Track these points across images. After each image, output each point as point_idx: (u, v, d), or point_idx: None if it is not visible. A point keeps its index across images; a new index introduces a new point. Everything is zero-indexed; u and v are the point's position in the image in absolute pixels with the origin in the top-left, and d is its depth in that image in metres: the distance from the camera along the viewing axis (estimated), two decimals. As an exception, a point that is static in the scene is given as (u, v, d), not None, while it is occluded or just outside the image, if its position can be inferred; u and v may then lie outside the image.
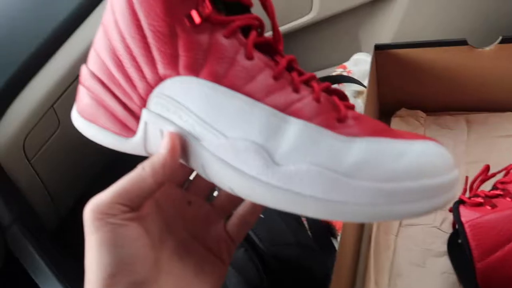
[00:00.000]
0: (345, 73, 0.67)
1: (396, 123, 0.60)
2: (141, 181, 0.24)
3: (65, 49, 0.65)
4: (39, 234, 0.60)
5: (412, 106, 0.61)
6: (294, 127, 0.23)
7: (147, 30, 0.25)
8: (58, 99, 0.64)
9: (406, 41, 0.54)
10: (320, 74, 0.77)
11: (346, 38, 0.83)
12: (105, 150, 0.30)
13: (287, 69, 0.26)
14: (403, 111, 0.61)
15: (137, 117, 0.26)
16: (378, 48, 0.54)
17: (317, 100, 0.24)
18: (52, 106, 0.63)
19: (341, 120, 0.24)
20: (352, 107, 0.26)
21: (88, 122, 0.28)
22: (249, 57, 0.25)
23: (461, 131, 0.57)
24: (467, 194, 0.44)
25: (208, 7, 0.24)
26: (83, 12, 0.68)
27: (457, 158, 0.54)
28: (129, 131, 0.27)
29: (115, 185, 0.24)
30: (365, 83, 0.61)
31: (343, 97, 0.27)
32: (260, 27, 0.26)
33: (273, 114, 0.23)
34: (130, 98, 0.26)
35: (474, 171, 0.46)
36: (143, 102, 0.26)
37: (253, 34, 0.25)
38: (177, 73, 0.25)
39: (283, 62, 0.25)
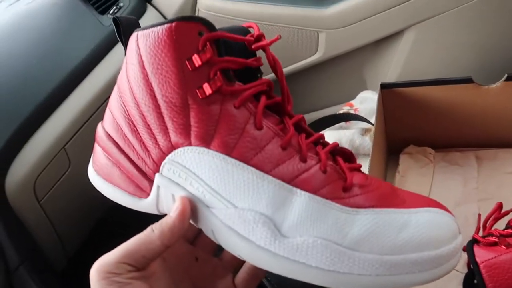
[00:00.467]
0: (352, 111, 0.67)
1: (405, 160, 0.59)
2: (149, 243, 0.25)
3: (77, 93, 0.67)
4: (46, 275, 0.59)
5: (420, 143, 0.61)
6: (301, 200, 0.24)
7: (161, 101, 0.26)
8: (69, 140, 0.65)
9: (412, 80, 0.55)
10: (327, 112, 0.78)
11: (352, 76, 0.84)
12: None
13: (295, 130, 0.27)
14: (411, 148, 0.60)
15: (150, 180, 0.27)
16: (385, 87, 0.55)
17: (324, 170, 0.25)
18: (63, 147, 0.64)
19: (347, 189, 0.25)
20: (358, 168, 0.27)
21: (104, 180, 0.29)
22: (259, 127, 0.25)
23: (471, 167, 0.57)
24: (480, 233, 0.43)
25: (219, 80, 0.25)
26: (93, 60, 0.70)
27: (468, 195, 0.53)
28: (143, 192, 0.27)
29: (123, 245, 0.25)
30: (372, 120, 0.61)
31: (349, 157, 0.27)
32: (269, 90, 0.27)
33: (280, 186, 0.24)
34: (144, 162, 0.27)
35: (486, 209, 0.45)
36: (156, 167, 0.27)
37: (261, 102, 0.26)
38: (189, 143, 0.25)
39: (291, 129, 0.26)
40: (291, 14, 0.75)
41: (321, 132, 0.62)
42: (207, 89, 0.25)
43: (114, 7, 0.79)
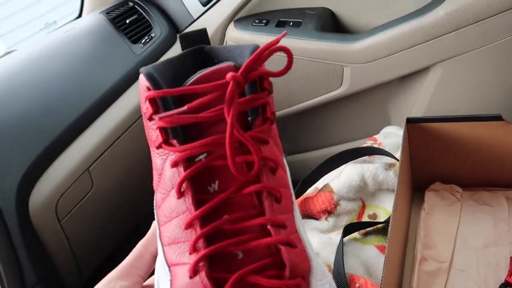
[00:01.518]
0: (375, 145, 0.67)
1: (430, 197, 0.57)
2: (137, 257, 0.27)
3: (104, 117, 0.69)
4: (60, 297, 0.59)
5: (446, 180, 0.59)
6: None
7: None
8: (93, 163, 0.66)
9: (439, 116, 0.54)
10: (350, 145, 0.77)
11: (376, 111, 0.84)
12: (132, 215, 0.31)
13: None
14: (437, 185, 0.59)
15: None
16: (411, 121, 0.54)
17: (191, 276, 0.21)
18: (87, 169, 0.65)
19: None
20: None
21: None
22: (178, 196, 0.23)
23: (501, 208, 0.54)
24: (514, 277, 0.41)
25: (159, 137, 0.23)
26: (122, 86, 0.73)
27: (499, 237, 0.51)
28: None
29: (118, 269, 0.27)
30: (396, 155, 0.60)
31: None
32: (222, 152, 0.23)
33: (163, 264, 0.24)
34: None
35: (519, 252, 0.43)
36: None
37: (187, 172, 0.22)
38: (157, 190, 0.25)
39: (194, 216, 0.22)
40: (317, 49, 0.76)
41: (346, 164, 0.61)
42: (156, 143, 0.23)
43: (146, 37, 0.82)
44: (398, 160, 0.59)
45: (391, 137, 0.68)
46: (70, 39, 0.78)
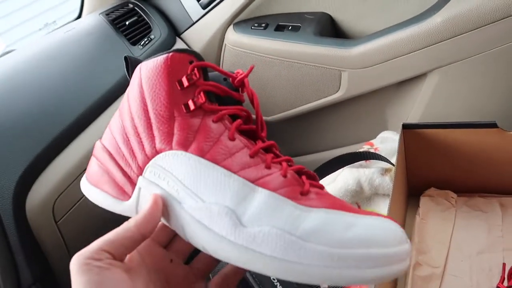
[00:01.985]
0: (372, 150, 0.67)
1: (425, 203, 0.58)
2: (126, 231, 0.28)
3: (102, 119, 0.69)
4: (56, 298, 0.59)
5: (441, 186, 0.59)
6: (261, 195, 0.27)
7: (152, 113, 0.31)
8: (91, 163, 0.66)
9: (435, 122, 0.54)
10: (346, 150, 0.78)
11: (373, 116, 0.84)
12: (128, 217, 0.31)
13: (265, 151, 0.31)
14: (432, 191, 0.59)
15: (133, 183, 0.31)
16: (407, 127, 0.54)
17: (284, 175, 0.29)
18: (85, 170, 0.66)
19: (304, 193, 0.28)
20: (320, 187, 0.30)
21: (92, 186, 0.34)
22: (231, 139, 0.30)
23: (495, 214, 0.55)
24: (505, 283, 0.42)
25: (202, 98, 0.31)
26: (121, 88, 0.73)
27: (492, 243, 0.51)
28: (125, 195, 0.32)
29: (102, 237, 0.27)
30: (392, 160, 0.61)
31: (313, 177, 0.31)
32: (247, 117, 0.33)
33: (244, 184, 0.28)
34: (130, 167, 0.31)
35: (511, 258, 0.43)
36: (140, 171, 0.31)
37: (237, 122, 0.31)
38: (170, 148, 0.30)
39: (260, 144, 0.31)
40: (315, 53, 0.76)
41: (342, 169, 0.62)
42: (191, 105, 0.30)
43: (146, 39, 0.82)
44: (394, 165, 0.59)
45: (388, 142, 0.69)
46: (69, 40, 0.78)
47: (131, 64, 0.34)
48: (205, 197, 0.28)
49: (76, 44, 0.77)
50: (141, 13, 0.87)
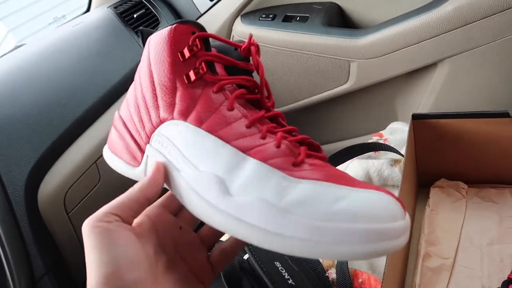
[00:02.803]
0: (381, 141, 0.67)
1: (435, 194, 0.57)
2: (130, 195, 0.29)
3: (112, 110, 0.69)
4: (68, 287, 0.60)
5: (452, 177, 0.59)
6: (250, 165, 0.27)
7: (157, 84, 0.32)
8: (101, 156, 0.67)
9: (445, 112, 0.54)
10: (356, 141, 0.77)
11: (383, 107, 0.83)
12: None
13: (271, 120, 0.31)
14: (443, 182, 0.59)
15: (142, 151, 0.33)
16: (416, 118, 0.54)
17: (277, 146, 0.28)
18: (95, 162, 0.66)
19: (297, 164, 0.27)
20: (322, 158, 0.30)
21: (111, 153, 0.36)
22: (230, 109, 0.30)
23: (507, 205, 0.54)
24: (517, 274, 0.41)
25: (203, 69, 0.31)
26: (130, 80, 0.73)
27: (503, 234, 0.51)
28: (136, 162, 0.33)
29: (111, 201, 0.28)
30: (402, 151, 0.60)
31: (316, 148, 0.30)
32: (254, 87, 0.33)
33: (236, 154, 0.28)
34: (140, 135, 0.33)
35: (523, 249, 0.42)
36: (148, 139, 0.32)
37: (237, 92, 0.31)
38: (172, 117, 0.31)
39: (257, 114, 0.31)
40: (323, 44, 0.76)
41: (351, 160, 0.62)
42: (192, 75, 0.31)
43: (153, 32, 0.82)
44: (403, 156, 0.58)
45: (397, 133, 0.68)
46: (78, 33, 0.78)
47: (145, 36, 0.34)
48: (200, 166, 0.28)
49: (85, 38, 0.77)
50: (149, 5, 0.87)
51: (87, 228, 0.26)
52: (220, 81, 0.31)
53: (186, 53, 0.31)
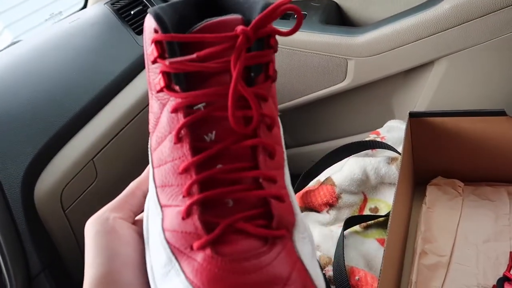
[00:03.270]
0: (378, 139, 0.67)
1: (432, 192, 0.58)
2: (128, 191, 0.29)
3: (108, 108, 0.69)
4: (64, 284, 0.60)
5: (448, 175, 0.59)
6: (155, 227, 0.24)
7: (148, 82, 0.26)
8: (98, 153, 0.67)
9: (442, 110, 0.54)
10: (353, 139, 0.78)
11: (380, 105, 0.84)
12: None
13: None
14: (439, 180, 0.59)
15: None
16: (413, 116, 0.54)
17: (183, 217, 0.22)
18: (92, 159, 0.66)
19: (193, 249, 0.21)
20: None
21: None
22: (175, 142, 0.23)
23: (503, 203, 0.55)
24: (512, 272, 0.41)
25: (162, 82, 0.23)
26: (127, 77, 0.73)
27: (499, 232, 0.51)
28: None
29: (112, 201, 0.28)
30: (399, 149, 0.60)
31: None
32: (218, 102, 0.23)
33: (156, 203, 0.24)
34: None
35: (519, 247, 0.43)
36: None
37: (185, 120, 0.22)
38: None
39: (192, 158, 0.22)
40: (321, 41, 0.76)
41: (348, 158, 0.62)
42: (157, 86, 0.23)
43: (151, 28, 0.82)
44: (400, 154, 0.59)
45: (394, 131, 0.68)
46: (75, 30, 0.78)
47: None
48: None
49: (81, 34, 0.77)
50: (146, 2, 0.87)
51: (91, 228, 0.26)
52: (177, 100, 0.23)
53: (151, 57, 0.23)
